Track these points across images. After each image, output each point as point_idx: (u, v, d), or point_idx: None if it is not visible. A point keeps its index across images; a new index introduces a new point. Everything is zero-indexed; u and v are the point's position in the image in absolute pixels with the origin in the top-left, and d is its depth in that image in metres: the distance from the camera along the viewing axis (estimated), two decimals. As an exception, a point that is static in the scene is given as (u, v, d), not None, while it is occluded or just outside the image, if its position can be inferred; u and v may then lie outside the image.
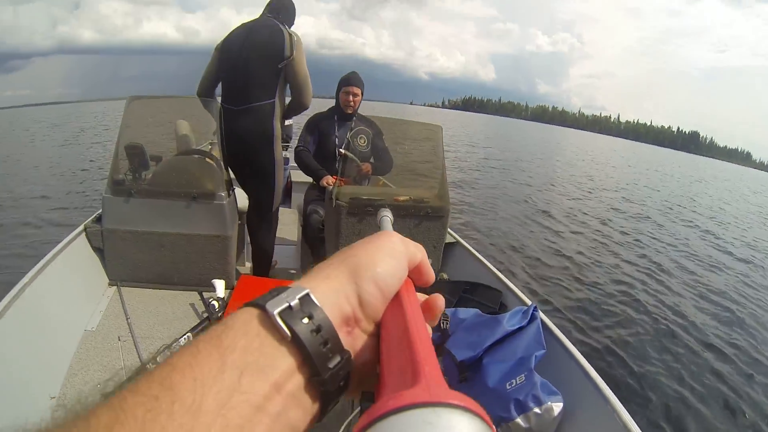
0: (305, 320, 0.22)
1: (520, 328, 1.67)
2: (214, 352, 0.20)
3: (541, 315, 1.82)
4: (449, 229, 2.60)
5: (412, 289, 0.31)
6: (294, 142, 3.67)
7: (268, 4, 2.25)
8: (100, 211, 2.31)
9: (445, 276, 2.42)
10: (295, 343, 0.22)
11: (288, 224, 3.41)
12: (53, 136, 20.85)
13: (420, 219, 2.26)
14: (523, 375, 1.45)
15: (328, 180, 2.40)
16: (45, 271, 1.90)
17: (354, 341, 0.26)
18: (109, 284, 2.27)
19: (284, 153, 4.76)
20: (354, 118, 2.64)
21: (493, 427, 0.17)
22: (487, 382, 1.47)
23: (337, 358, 0.23)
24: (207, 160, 2.48)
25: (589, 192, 10.26)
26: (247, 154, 2.24)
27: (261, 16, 2.24)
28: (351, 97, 2.57)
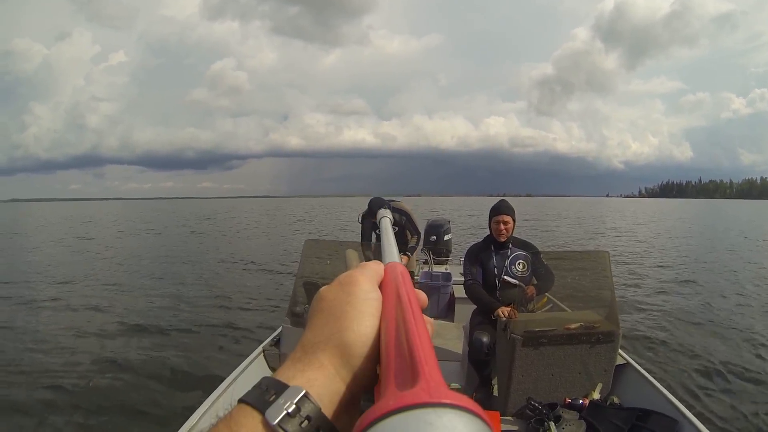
0: (304, 424, 0.24)
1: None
2: None
3: None
4: (621, 350, 2.64)
5: (410, 285, 0.31)
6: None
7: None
8: (278, 332, 2.67)
9: (616, 400, 2.46)
10: None
11: (451, 339, 3.50)
12: (262, 224, 27.47)
13: (591, 344, 2.42)
14: None
15: (504, 312, 2.49)
16: (228, 390, 2.17)
17: (350, 406, 0.28)
18: None
19: (446, 268, 5.04)
20: (509, 244, 2.74)
21: (493, 427, 0.18)
22: None
23: None
24: None
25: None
26: None
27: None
28: (502, 226, 2.67)
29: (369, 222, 3.81)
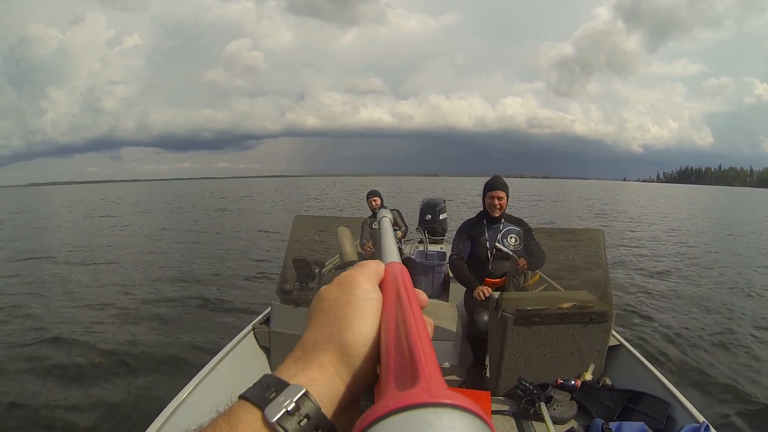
0: (303, 422, 0.24)
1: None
2: None
3: None
4: (613, 331, 2.56)
5: (410, 285, 0.31)
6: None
7: None
8: (268, 311, 2.62)
9: (608, 381, 2.40)
10: None
11: (445, 318, 3.39)
12: (274, 202, 28.68)
13: (584, 324, 2.34)
14: None
15: (483, 291, 2.51)
16: (217, 368, 2.18)
17: (350, 406, 0.28)
18: None
19: (441, 247, 5.07)
20: (502, 219, 2.74)
21: (493, 427, 0.18)
22: None
23: None
24: None
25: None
26: None
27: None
28: (496, 201, 2.68)
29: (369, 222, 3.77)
